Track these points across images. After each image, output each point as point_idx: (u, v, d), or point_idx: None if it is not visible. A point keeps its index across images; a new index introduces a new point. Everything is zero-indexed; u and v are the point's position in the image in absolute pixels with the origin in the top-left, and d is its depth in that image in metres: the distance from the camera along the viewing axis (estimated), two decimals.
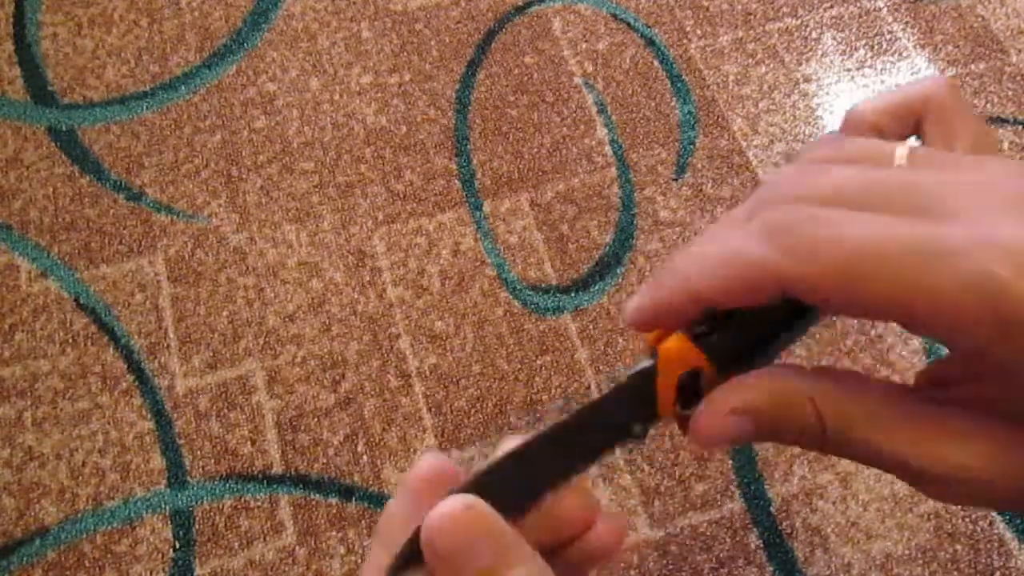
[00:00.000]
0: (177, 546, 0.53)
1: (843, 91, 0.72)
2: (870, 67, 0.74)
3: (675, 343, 0.23)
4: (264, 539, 0.54)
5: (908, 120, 0.23)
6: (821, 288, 0.19)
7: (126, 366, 0.59)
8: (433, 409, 0.58)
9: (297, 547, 0.54)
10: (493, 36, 0.73)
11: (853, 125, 0.24)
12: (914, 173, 0.20)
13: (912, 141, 0.22)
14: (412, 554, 0.21)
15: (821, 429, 0.21)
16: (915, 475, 0.20)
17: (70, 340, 0.59)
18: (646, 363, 0.23)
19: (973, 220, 0.18)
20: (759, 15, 0.76)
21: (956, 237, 0.17)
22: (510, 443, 0.24)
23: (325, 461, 0.56)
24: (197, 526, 0.54)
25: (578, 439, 0.24)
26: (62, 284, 0.61)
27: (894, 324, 0.20)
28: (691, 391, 0.22)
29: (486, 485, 0.22)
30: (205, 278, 0.62)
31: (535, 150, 0.68)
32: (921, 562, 0.55)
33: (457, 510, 0.20)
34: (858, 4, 0.77)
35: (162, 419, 0.57)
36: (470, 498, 0.21)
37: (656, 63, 0.73)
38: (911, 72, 0.73)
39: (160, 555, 0.53)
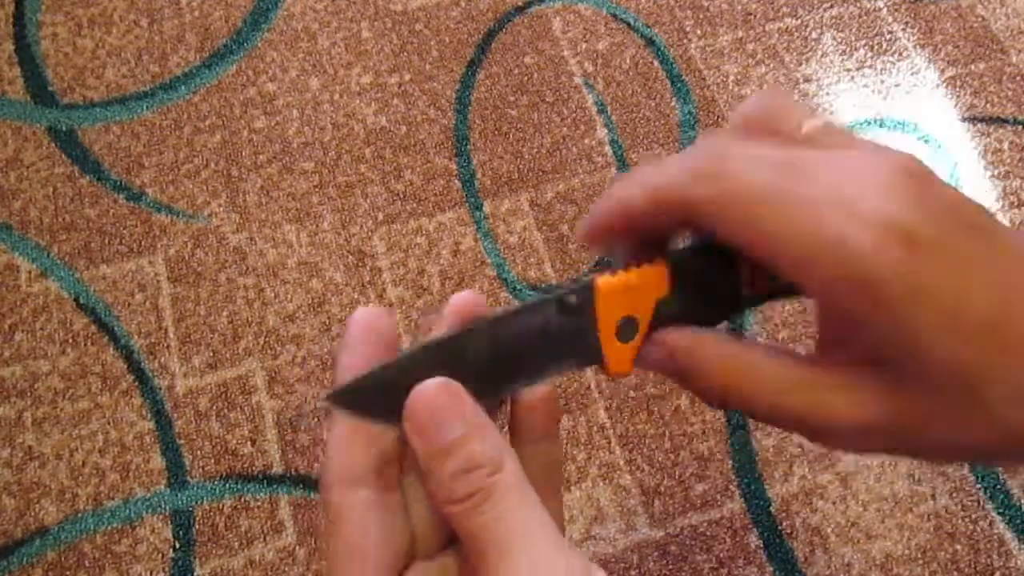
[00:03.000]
0: (177, 546, 0.53)
1: (843, 91, 0.72)
2: (870, 67, 0.74)
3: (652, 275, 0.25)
4: (264, 539, 0.54)
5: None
6: (708, 214, 0.22)
7: (126, 366, 0.59)
8: None
9: (297, 547, 0.54)
10: (493, 36, 0.73)
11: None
12: (810, 146, 0.23)
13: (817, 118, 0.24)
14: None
15: (723, 393, 0.24)
16: (814, 431, 0.23)
17: (70, 340, 0.59)
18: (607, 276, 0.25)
19: (843, 192, 0.21)
20: (759, 15, 0.76)
21: (825, 200, 0.21)
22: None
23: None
24: (197, 526, 0.54)
25: (513, 329, 0.25)
26: (62, 284, 0.61)
27: None
28: (627, 327, 0.25)
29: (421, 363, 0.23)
30: (205, 278, 0.62)
31: (535, 150, 0.68)
32: (921, 562, 0.55)
33: (439, 387, 0.22)
34: (858, 4, 0.77)
35: (162, 419, 0.57)
36: (448, 381, 0.23)
37: (656, 63, 0.73)
38: (911, 72, 0.74)
39: (160, 555, 0.53)
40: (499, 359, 0.24)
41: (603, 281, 0.25)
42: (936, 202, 0.21)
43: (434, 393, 0.22)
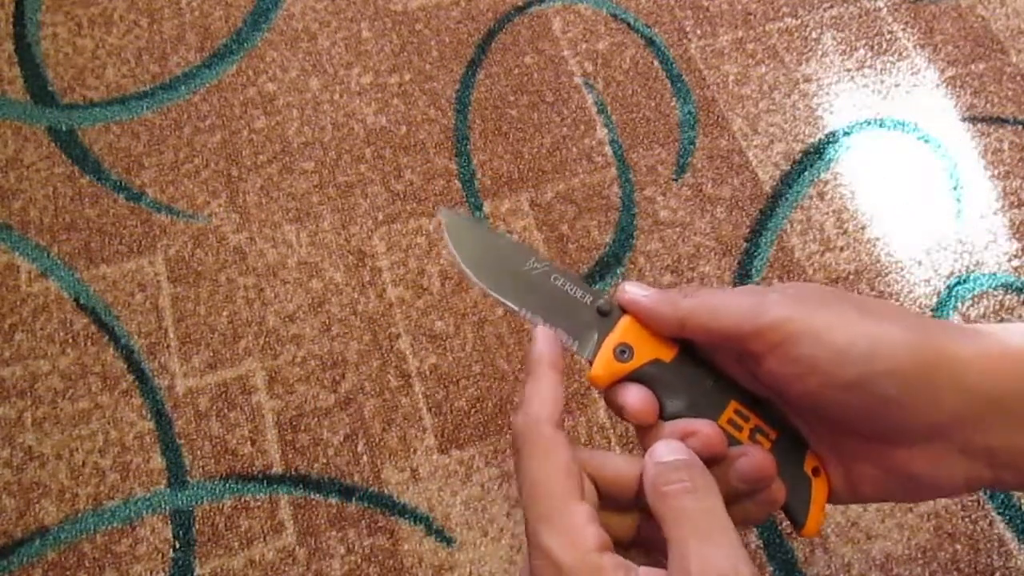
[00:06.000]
0: (177, 546, 0.53)
1: (843, 91, 0.72)
2: (870, 67, 0.74)
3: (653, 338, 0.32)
4: (264, 539, 0.54)
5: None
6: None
7: (126, 366, 0.59)
8: (433, 409, 0.58)
9: (297, 547, 0.54)
10: (493, 36, 0.73)
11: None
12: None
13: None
14: None
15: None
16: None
17: (70, 340, 0.59)
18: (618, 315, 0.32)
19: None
20: (759, 15, 0.76)
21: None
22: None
23: (325, 461, 0.56)
24: (197, 526, 0.54)
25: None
26: (62, 284, 0.61)
27: None
28: (621, 351, 0.31)
29: None
30: (205, 278, 0.62)
31: (535, 150, 0.68)
32: (921, 562, 0.55)
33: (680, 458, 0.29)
34: (858, 4, 0.77)
35: (162, 419, 0.57)
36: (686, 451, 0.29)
37: (656, 63, 0.73)
38: (911, 72, 0.74)
39: (160, 555, 0.53)
40: (547, 295, 0.32)
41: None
42: None
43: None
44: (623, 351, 0.31)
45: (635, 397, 0.31)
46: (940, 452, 0.28)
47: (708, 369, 0.32)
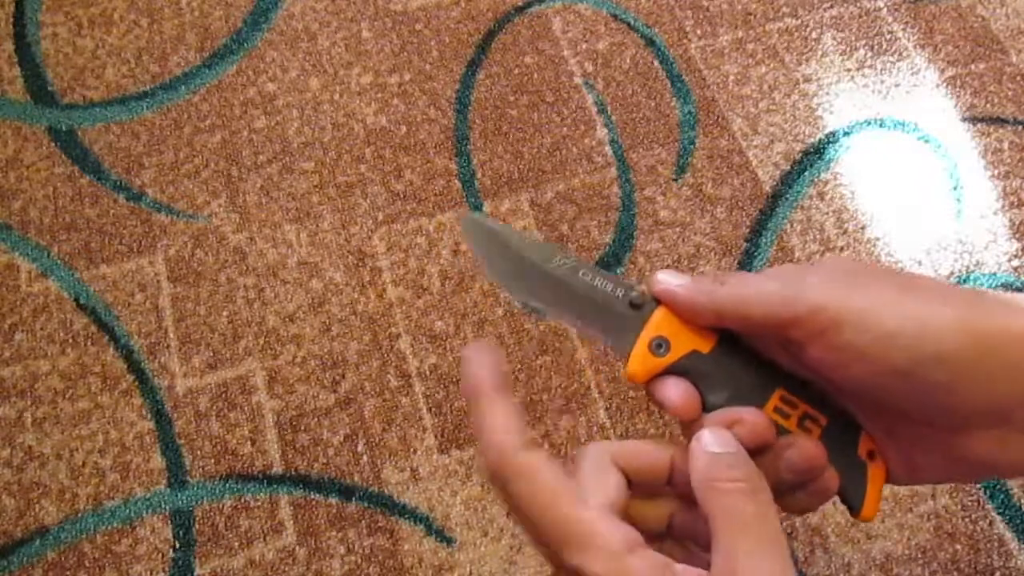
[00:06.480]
0: (177, 546, 0.53)
1: (843, 91, 0.72)
2: (870, 67, 0.74)
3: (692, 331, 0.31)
4: (264, 539, 0.54)
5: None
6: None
7: (126, 366, 0.59)
8: (433, 409, 0.58)
9: (297, 547, 0.54)
10: (493, 36, 0.73)
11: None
12: None
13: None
14: None
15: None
16: None
17: (70, 340, 0.59)
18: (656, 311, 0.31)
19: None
20: (759, 15, 0.76)
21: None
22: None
23: (325, 461, 0.56)
24: (197, 526, 0.54)
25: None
26: (62, 284, 0.61)
27: None
28: (657, 345, 0.30)
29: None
30: (205, 278, 0.62)
31: (535, 150, 0.68)
32: (921, 562, 0.55)
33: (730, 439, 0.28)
34: (858, 4, 0.77)
35: (162, 419, 0.57)
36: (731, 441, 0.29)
37: (656, 63, 0.73)
38: (911, 72, 0.74)
39: (160, 555, 0.53)
40: (575, 294, 0.31)
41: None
42: None
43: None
44: (659, 345, 0.30)
45: (675, 392, 0.30)
46: (1002, 435, 0.27)
47: (750, 356, 0.30)
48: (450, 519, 0.55)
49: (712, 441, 0.28)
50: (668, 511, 0.30)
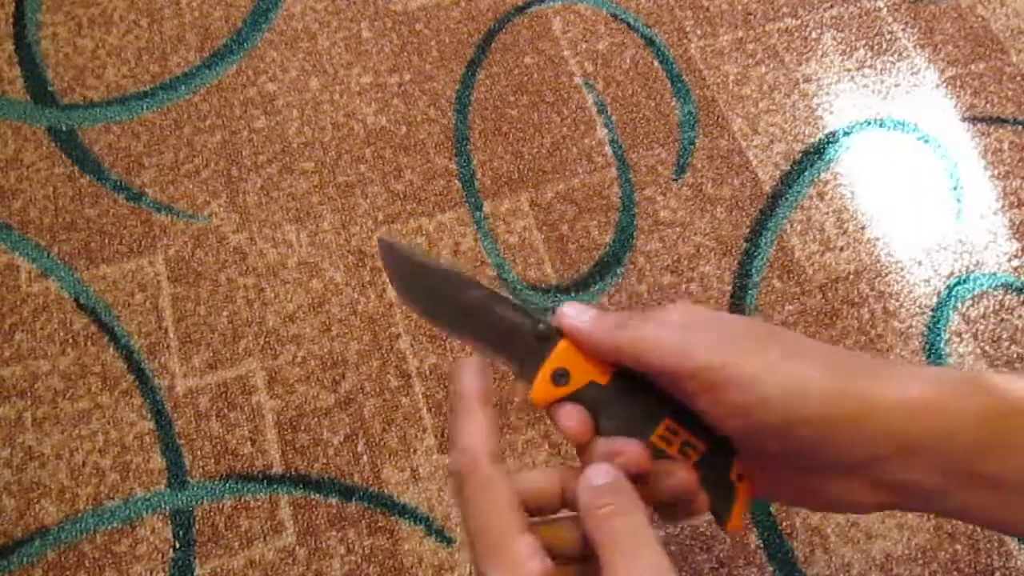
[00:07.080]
0: (177, 546, 0.53)
1: (843, 91, 0.72)
2: (870, 67, 0.74)
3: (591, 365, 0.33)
4: (264, 539, 0.54)
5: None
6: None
7: (126, 366, 0.59)
8: (433, 409, 0.58)
9: (297, 547, 0.54)
10: (493, 36, 0.73)
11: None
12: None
13: None
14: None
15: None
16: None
17: (70, 340, 0.59)
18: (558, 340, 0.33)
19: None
20: (759, 15, 0.76)
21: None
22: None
23: (325, 461, 0.56)
24: (197, 526, 0.54)
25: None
26: (62, 284, 0.61)
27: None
28: (559, 375, 0.32)
29: None
30: (205, 278, 0.62)
31: (535, 150, 0.68)
32: (921, 562, 0.55)
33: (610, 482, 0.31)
34: (858, 4, 0.77)
35: (162, 419, 0.57)
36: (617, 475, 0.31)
37: (656, 63, 0.73)
38: (911, 72, 0.74)
39: (160, 555, 0.53)
40: (483, 322, 0.33)
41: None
42: None
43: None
44: (561, 375, 0.32)
45: (570, 419, 0.32)
46: (852, 483, 0.31)
47: (643, 387, 0.32)
48: (450, 519, 0.55)
49: (595, 475, 0.31)
50: (577, 534, 0.32)
